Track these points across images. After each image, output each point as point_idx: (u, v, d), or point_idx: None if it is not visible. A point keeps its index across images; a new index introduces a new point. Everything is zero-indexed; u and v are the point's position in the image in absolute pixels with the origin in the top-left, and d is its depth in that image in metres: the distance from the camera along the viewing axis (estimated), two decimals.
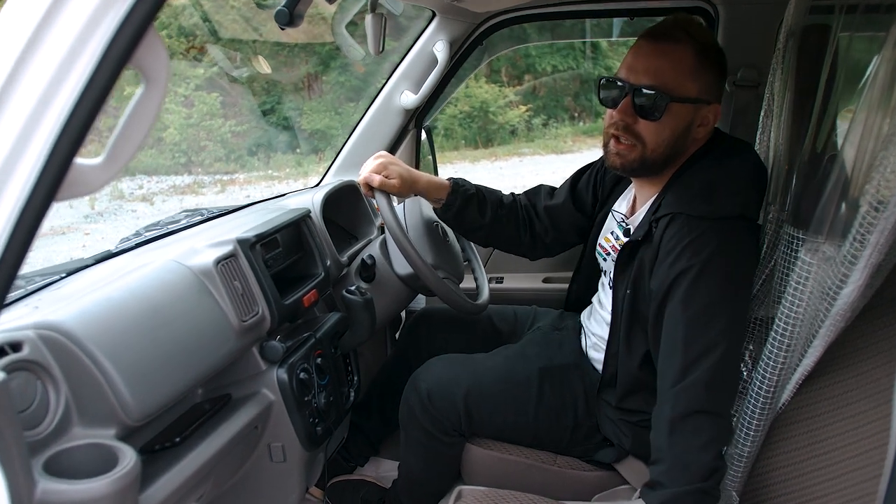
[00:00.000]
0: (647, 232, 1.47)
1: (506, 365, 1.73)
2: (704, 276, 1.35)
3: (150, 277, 1.29)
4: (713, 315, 1.35)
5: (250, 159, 11.13)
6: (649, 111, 1.43)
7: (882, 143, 1.09)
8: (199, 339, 1.28)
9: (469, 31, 2.21)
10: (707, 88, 1.46)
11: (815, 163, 1.31)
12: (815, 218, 1.21)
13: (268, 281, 1.47)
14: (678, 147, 1.48)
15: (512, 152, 11.49)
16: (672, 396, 1.35)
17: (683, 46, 1.43)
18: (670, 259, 1.39)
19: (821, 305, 1.23)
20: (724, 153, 1.49)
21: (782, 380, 1.30)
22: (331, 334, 1.64)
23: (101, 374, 1.08)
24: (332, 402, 1.61)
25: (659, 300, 1.42)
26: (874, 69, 1.14)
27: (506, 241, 1.93)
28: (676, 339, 1.37)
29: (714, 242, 1.36)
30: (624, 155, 1.49)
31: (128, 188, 9.95)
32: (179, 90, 10.53)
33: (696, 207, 1.40)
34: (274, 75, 11.03)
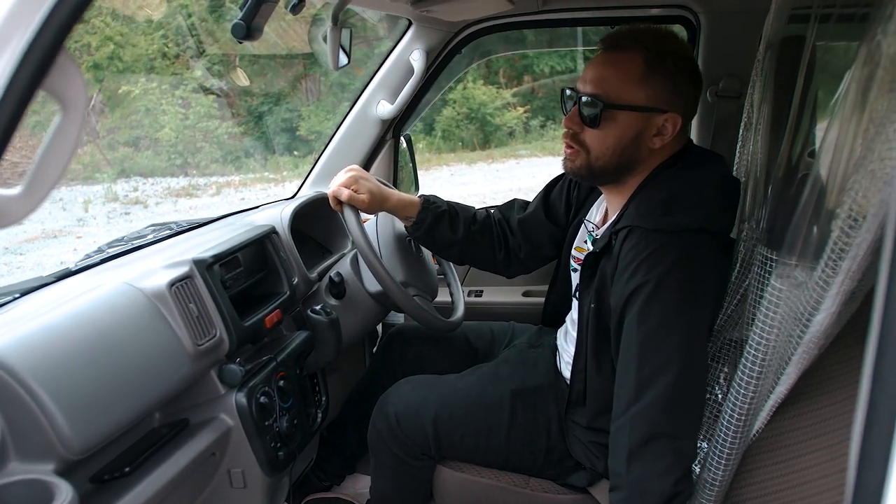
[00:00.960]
0: (607, 244, 1.43)
1: (477, 386, 1.68)
2: (660, 292, 1.30)
3: (99, 301, 1.25)
4: (669, 332, 1.30)
5: (247, 161, 11.11)
6: (590, 119, 1.41)
7: (854, 164, 1.03)
8: (149, 366, 1.24)
9: (446, 39, 2.16)
10: (659, 96, 1.41)
11: (788, 180, 1.26)
12: (786, 239, 1.16)
13: (226, 302, 1.42)
14: (627, 155, 1.44)
15: (509, 154, 11.46)
16: (628, 420, 1.30)
17: (631, 55, 1.40)
18: (627, 273, 1.34)
19: (793, 331, 1.18)
20: (690, 165, 1.45)
21: (755, 406, 1.25)
22: (295, 354, 1.59)
23: (37, 406, 1.04)
24: (297, 424, 1.56)
25: (617, 316, 1.37)
26: (846, 85, 1.09)
27: (480, 258, 1.88)
28: (631, 356, 1.32)
29: (671, 257, 1.31)
30: (572, 160, 1.48)
31: (122, 190, 9.92)
32: (177, 92, 10.51)
33: (654, 220, 1.35)
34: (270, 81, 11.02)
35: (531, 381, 1.68)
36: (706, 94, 2.06)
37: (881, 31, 0.96)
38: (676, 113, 1.42)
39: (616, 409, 1.34)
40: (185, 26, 10.54)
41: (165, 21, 10.60)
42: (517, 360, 1.78)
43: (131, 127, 10.54)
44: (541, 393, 1.66)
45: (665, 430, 1.28)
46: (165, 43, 10.61)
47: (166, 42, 10.62)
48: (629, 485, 1.29)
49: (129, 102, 10.28)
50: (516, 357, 1.81)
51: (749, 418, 1.26)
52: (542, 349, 1.83)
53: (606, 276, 1.42)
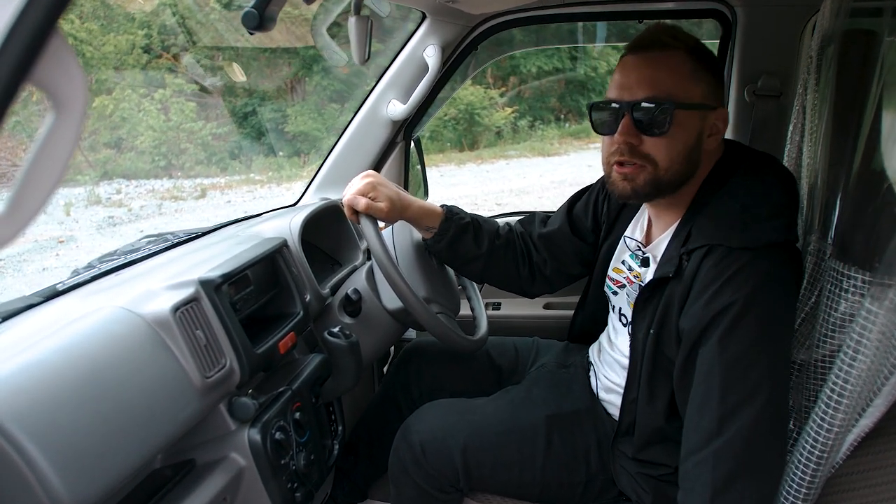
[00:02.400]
0: (678, 266, 1.29)
1: (508, 412, 1.54)
2: (747, 314, 1.17)
3: (93, 330, 1.09)
4: (756, 357, 1.18)
5: (232, 162, 10.96)
6: (655, 125, 1.26)
7: None
8: (152, 405, 1.08)
9: (463, 34, 2.02)
10: (710, 91, 1.30)
11: (867, 190, 1.14)
12: (884, 259, 1.02)
13: (236, 327, 1.26)
14: (693, 162, 1.31)
15: (498, 155, 11.39)
16: (711, 456, 1.17)
17: (675, 51, 1.28)
18: (707, 295, 1.21)
19: (886, 359, 1.05)
20: (752, 170, 1.31)
21: (837, 441, 1.12)
22: (311, 382, 1.44)
23: (23, 461, 0.88)
24: (314, 460, 1.41)
25: (692, 342, 1.24)
26: None
27: (503, 276, 1.73)
28: (712, 385, 1.19)
29: (759, 274, 1.18)
30: (633, 178, 1.30)
31: (105, 193, 9.74)
32: (156, 95, 10.34)
33: (736, 237, 1.22)
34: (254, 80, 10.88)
35: (567, 405, 1.55)
36: (744, 92, 1.93)
37: None
38: (723, 108, 1.33)
39: (693, 442, 1.21)
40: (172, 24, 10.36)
41: (148, 18, 10.41)
42: (549, 383, 1.64)
43: (113, 128, 10.33)
44: (578, 418, 1.52)
45: (751, 468, 1.16)
46: (149, 41, 10.42)
47: (149, 40, 10.43)
48: None
49: (106, 116, 10.10)
50: (548, 378, 1.67)
51: (830, 453, 1.13)
52: (574, 369, 1.69)
53: (673, 301, 1.29)
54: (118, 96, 10.09)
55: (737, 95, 1.95)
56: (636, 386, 1.39)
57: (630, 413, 1.42)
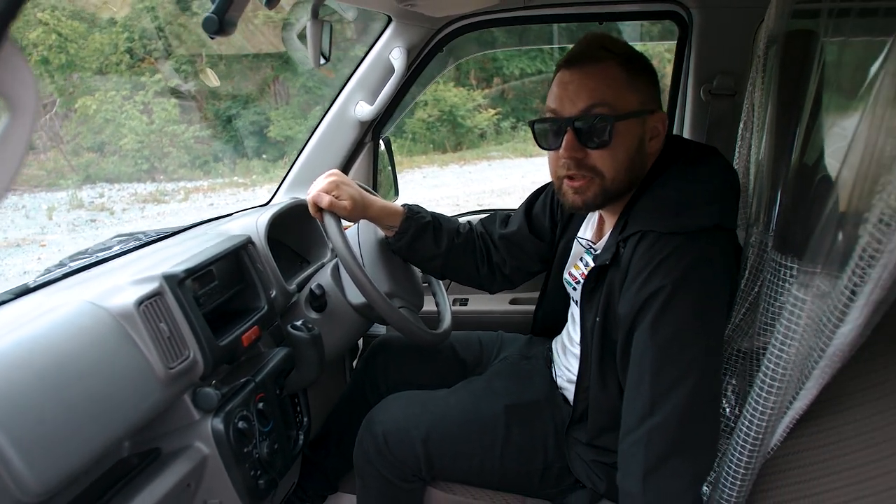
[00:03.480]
0: (615, 254, 1.33)
1: (469, 402, 1.58)
2: (677, 298, 1.21)
3: (59, 324, 1.13)
4: (687, 340, 1.21)
5: (216, 165, 10.95)
6: (597, 139, 1.29)
7: (885, 164, 0.96)
8: (116, 394, 1.12)
9: (428, 37, 2.07)
10: (646, 97, 1.34)
11: (804, 183, 1.19)
12: (809, 246, 1.08)
13: (199, 321, 1.31)
14: (637, 167, 1.35)
15: (481, 156, 11.42)
16: (644, 435, 1.21)
17: (608, 63, 1.30)
18: (640, 280, 1.25)
19: (815, 344, 1.10)
20: (690, 161, 1.36)
21: (772, 423, 1.17)
22: (275, 374, 1.48)
23: None
24: (278, 449, 1.45)
25: (627, 326, 1.28)
26: (880, 80, 1.01)
27: (463, 273, 1.79)
28: (644, 367, 1.23)
29: (688, 259, 1.21)
30: (583, 191, 1.34)
31: (88, 197, 9.71)
32: (137, 97, 10.31)
33: (667, 223, 1.25)
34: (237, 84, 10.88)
35: (527, 395, 1.59)
36: (700, 92, 1.99)
37: None
38: (661, 111, 1.37)
39: (628, 424, 1.25)
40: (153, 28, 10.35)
41: (130, 22, 10.39)
42: (510, 374, 1.69)
43: (95, 132, 10.30)
44: (537, 408, 1.57)
45: (683, 446, 1.19)
46: (131, 44, 10.40)
47: (132, 43, 10.41)
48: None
49: (88, 117, 10.07)
50: (509, 370, 1.72)
51: (765, 436, 1.17)
52: (536, 360, 1.74)
53: (614, 288, 1.33)
54: (101, 97, 10.07)
55: (693, 95, 2.01)
56: (588, 374, 1.43)
57: (584, 400, 1.46)
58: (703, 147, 1.42)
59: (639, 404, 1.22)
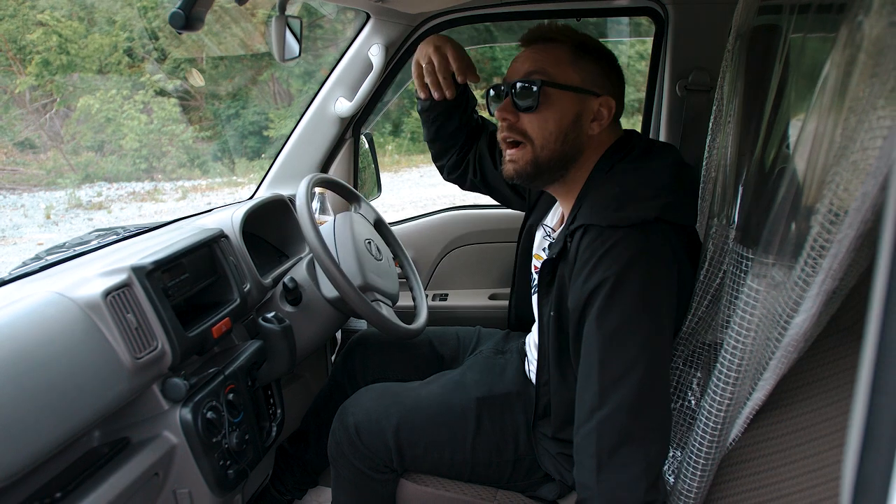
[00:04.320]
0: (563, 247, 1.34)
1: (441, 395, 1.59)
2: (620, 289, 1.21)
3: (25, 313, 1.14)
4: (631, 331, 1.21)
5: (214, 165, 10.95)
6: (527, 102, 1.36)
7: (834, 156, 0.97)
8: (81, 383, 1.13)
9: (406, 33, 2.08)
10: (591, 79, 1.38)
11: (763, 175, 1.20)
12: (764, 237, 1.09)
13: (168, 312, 1.32)
14: (570, 142, 1.37)
15: None
16: (594, 427, 1.21)
17: (558, 44, 1.39)
18: (584, 274, 1.25)
19: (771, 334, 1.11)
20: (639, 156, 1.37)
21: (731, 415, 1.18)
22: (247, 366, 1.49)
23: None
24: (248, 440, 1.46)
25: (576, 319, 1.29)
26: (825, 72, 1.02)
27: (443, 137, 1.88)
28: (592, 360, 1.23)
29: (630, 252, 1.22)
30: (516, 160, 1.40)
31: (86, 196, 9.72)
32: (137, 97, 10.33)
33: (608, 216, 1.26)
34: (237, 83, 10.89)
35: (498, 388, 1.60)
36: (676, 87, 2.00)
37: (863, 11, 0.90)
38: (610, 97, 1.39)
39: (580, 417, 1.25)
40: (149, 30, 10.37)
41: (129, 22, 10.41)
42: (483, 367, 1.70)
43: (96, 131, 10.33)
44: (508, 401, 1.58)
45: (633, 435, 1.19)
46: (130, 44, 10.42)
47: (131, 43, 10.43)
48: (601, 496, 1.20)
49: (90, 115, 10.09)
50: (483, 364, 1.73)
51: (725, 426, 1.19)
52: (510, 355, 1.75)
53: (565, 281, 1.34)
54: (102, 97, 10.09)
55: (669, 90, 2.02)
56: (546, 367, 1.44)
57: (545, 395, 1.46)
58: (657, 143, 1.44)
59: (588, 396, 1.23)
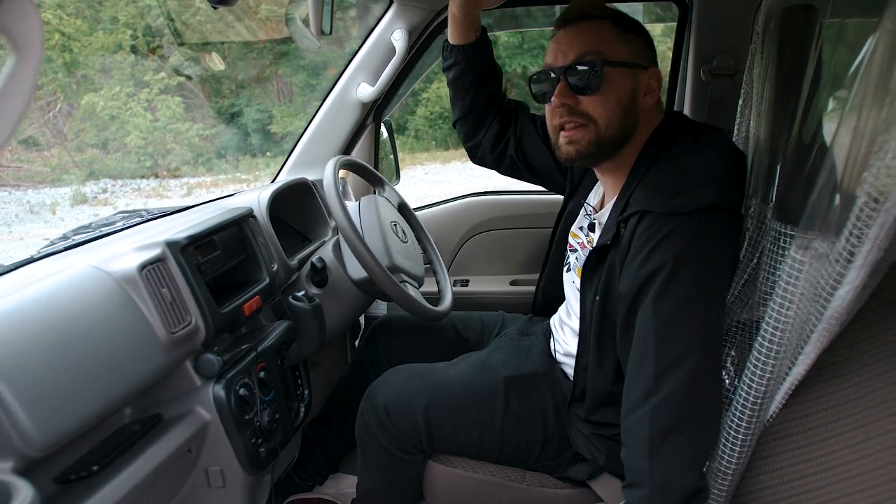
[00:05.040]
0: (616, 234, 1.34)
1: (469, 375, 1.59)
2: (677, 275, 1.22)
3: (63, 286, 1.14)
4: (687, 317, 1.22)
5: (219, 162, 10.97)
6: (588, 84, 1.34)
7: (882, 125, 0.96)
8: (118, 355, 1.13)
9: (429, 18, 2.07)
10: (638, 51, 1.38)
11: (802, 154, 1.19)
12: (805, 212, 1.08)
13: (201, 287, 1.32)
14: (630, 119, 1.37)
15: None
16: (648, 412, 1.22)
17: (600, 20, 1.37)
18: (639, 259, 1.26)
19: (812, 308, 1.11)
20: (693, 141, 1.37)
21: (770, 389, 1.18)
22: (277, 345, 1.49)
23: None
24: (279, 419, 1.46)
25: (628, 304, 1.29)
26: (869, 49, 1.02)
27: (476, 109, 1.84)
28: (647, 344, 1.24)
29: (686, 238, 1.23)
30: (577, 140, 1.37)
31: (91, 192, 9.75)
32: (142, 95, 10.34)
33: (665, 203, 1.26)
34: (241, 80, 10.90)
35: (525, 368, 1.60)
36: (700, 72, 1.99)
37: None
38: (656, 68, 1.40)
39: (631, 401, 1.25)
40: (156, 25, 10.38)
41: (133, 20, 10.43)
42: (510, 348, 1.70)
43: (100, 128, 10.34)
44: (535, 381, 1.58)
45: (686, 421, 1.20)
46: (134, 42, 10.43)
47: (135, 41, 10.44)
48: (651, 480, 1.21)
49: (94, 113, 10.12)
50: (509, 345, 1.73)
51: (764, 402, 1.18)
52: (535, 336, 1.75)
53: (615, 267, 1.34)
54: (107, 94, 10.10)
55: (693, 75, 2.01)
56: (586, 352, 1.44)
57: (583, 379, 1.47)
58: (708, 127, 1.43)
59: (642, 380, 1.23)
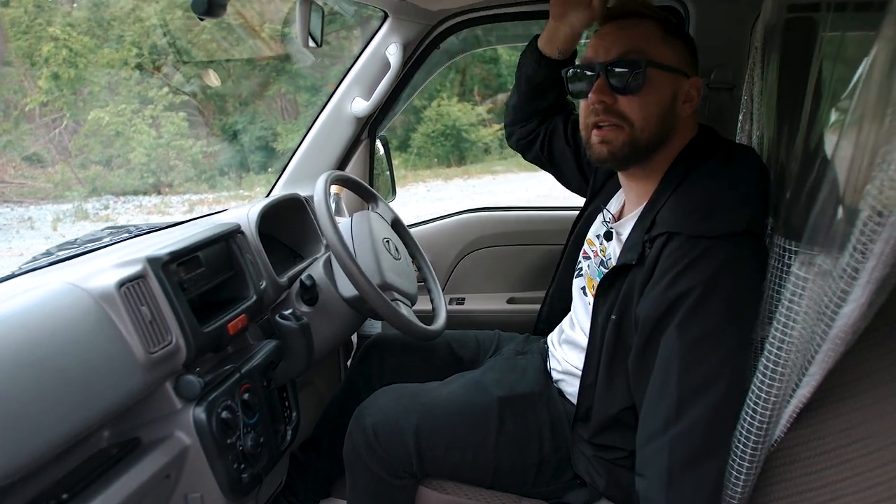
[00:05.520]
0: (641, 253, 1.28)
1: (461, 395, 1.54)
2: (708, 299, 1.16)
3: (37, 303, 1.10)
4: (715, 343, 1.16)
5: (221, 179, 10.98)
6: (628, 83, 1.27)
7: (885, 136, 0.92)
8: (92, 376, 1.09)
9: (424, 32, 2.05)
10: (683, 59, 1.33)
11: (804, 168, 1.15)
12: (808, 227, 1.04)
13: (183, 306, 1.27)
14: (667, 125, 1.31)
15: (485, 170, 11.42)
16: (668, 442, 1.16)
17: (647, 20, 1.33)
18: (665, 281, 1.20)
19: (817, 327, 1.06)
20: (725, 160, 1.30)
21: (776, 412, 1.12)
22: (263, 365, 1.44)
23: None
24: (263, 443, 1.41)
25: (650, 328, 1.23)
26: (870, 59, 0.98)
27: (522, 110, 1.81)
28: (671, 370, 1.18)
29: (717, 261, 1.17)
30: (610, 141, 1.31)
31: (93, 208, 9.75)
32: (146, 111, 10.37)
33: (696, 225, 1.21)
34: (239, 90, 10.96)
35: (520, 388, 1.55)
36: None
37: None
38: (698, 77, 1.36)
39: (650, 429, 1.20)
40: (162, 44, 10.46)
41: (139, 39, 10.49)
42: (504, 367, 1.65)
43: (105, 145, 10.37)
44: (531, 401, 1.53)
45: (707, 452, 1.15)
46: (140, 60, 10.49)
47: (140, 59, 10.50)
48: None
49: (100, 129, 10.16)
50: (503, 364, 1.68)
51: (770, 426, 1.13)
52: (531, 355, 1.70)
53: (634, 287, 1.28)
54: (112, 110, 10.15)
55: None
56: (594, 371, 1.39)
57: (588, 398, 1.41)
58: (735, 145, 1.39)
59: (662, 408, 1.18)
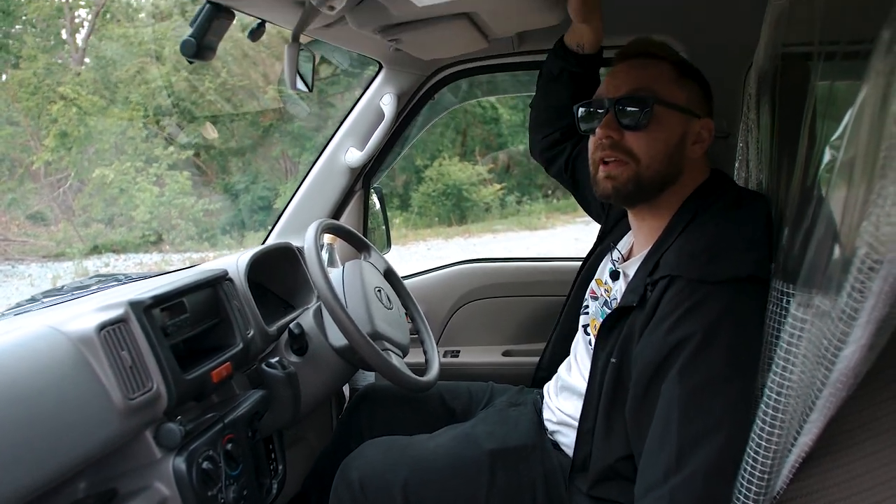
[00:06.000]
0: (642, 296, 1.26)
1: (451, 448, 1.49)
2: (709, 345, 1.13)
3: (14, 345, 1.07)
4: (717, 390, 1.13)
5: (223, 237, 11.02)
6: (635, 119, 1.28)
7: (880, 171, 0.90)
8: (67, 422, 1.05)
9: (418, 83, 2.06)
10: (695, 100, 1.33)
11: (802, 209, 1.13)
12: (804, 268, 1.02)
13: (165, 351, 1.23)
14: (674, 165, 1.31)
15: (486, 229, 11.47)
16: (667, 493, 1.11)
17: (660, 60, 1.34)
18: (666, 325, 1.17)
19: (817, 371, 1.02)
20: (734, 204, 1.28)
21: (777, 462, 1.08)
22: (248, 416, 1.40)
23: None
24: (247, 496, 1.35)
25: (650, 374, 1.19)
26: (861, 95, 0.97)
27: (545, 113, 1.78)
28: (671, 418, 1.14)
29: (720, 306, 1.14)
30: (615, 176, 1.31)
31: (93, 266, 9.78)
32: (151, 170, 10.50)
33: (698, 269, 1.18)
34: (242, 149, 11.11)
35: (512, 440, 1.50)
36: None
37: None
38: (710, 120, 1.36)
39: (649, 477, 1.15)
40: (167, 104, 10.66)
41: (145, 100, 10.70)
42: (496, 419, 1.60)
43: (108, 203, 10.47)
44: (523, 454, 1.48)
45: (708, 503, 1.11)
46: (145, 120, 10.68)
47: (146, 119, 10.69)
48: None
49: (104, 186, 10.29)
50: (495, 416, 1.63)
51: (772, 476, 1.08)
52: (525, 407, 1.65)
53: (635, 330, 1.25)
54: (118, 168, 10.28)
55: None
56: (593, 416, 1.34)
57: (586, 445, 1.36)
58: (750, 192, 1.38)
59: (662, 457, 1.14)
